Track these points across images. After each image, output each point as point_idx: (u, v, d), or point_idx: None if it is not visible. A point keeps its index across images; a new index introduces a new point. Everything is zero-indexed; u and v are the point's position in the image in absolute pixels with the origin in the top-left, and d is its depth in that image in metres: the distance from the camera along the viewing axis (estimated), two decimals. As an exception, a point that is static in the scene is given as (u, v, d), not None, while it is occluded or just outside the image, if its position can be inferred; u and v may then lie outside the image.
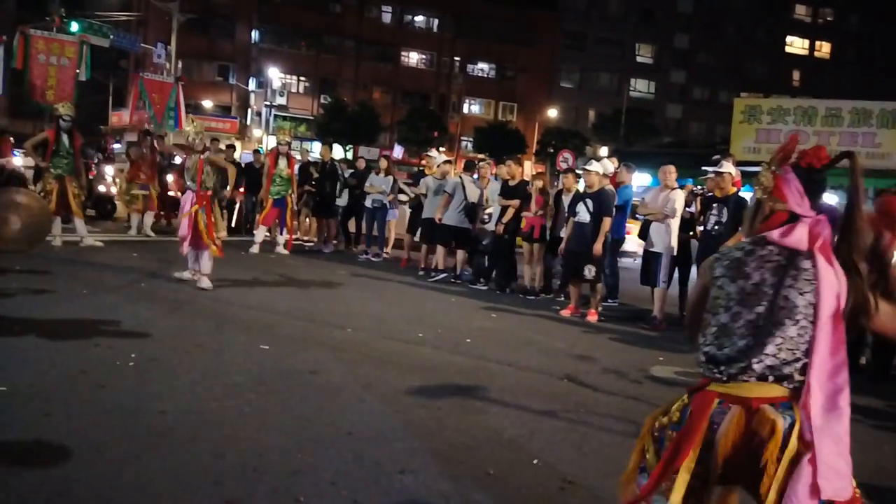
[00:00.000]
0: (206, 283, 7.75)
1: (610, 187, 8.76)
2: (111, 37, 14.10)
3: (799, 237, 2.05)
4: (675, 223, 8.38)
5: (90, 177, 12.59)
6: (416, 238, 11.65)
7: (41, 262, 8.07)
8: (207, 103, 42.56)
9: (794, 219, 2.10)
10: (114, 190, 14.04)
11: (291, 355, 5.43)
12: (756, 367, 2.00)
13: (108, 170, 14.51)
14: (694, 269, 8.51)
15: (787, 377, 1.99)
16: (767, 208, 2.17)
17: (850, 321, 2.01)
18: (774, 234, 2.09)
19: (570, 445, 4.10)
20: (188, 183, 7.94)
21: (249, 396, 4.38)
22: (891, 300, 2.13)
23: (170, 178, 13.40)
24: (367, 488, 3.27)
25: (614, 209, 8.62)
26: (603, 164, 9.22)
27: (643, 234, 8.88)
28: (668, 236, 8.37)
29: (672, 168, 8.60)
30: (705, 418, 2.02)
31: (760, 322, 2.03)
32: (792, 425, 1.92)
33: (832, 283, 1.98)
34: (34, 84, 11.02)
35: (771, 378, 2.00)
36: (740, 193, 7.96)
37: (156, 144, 12.85)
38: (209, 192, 7.80)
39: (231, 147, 14.26)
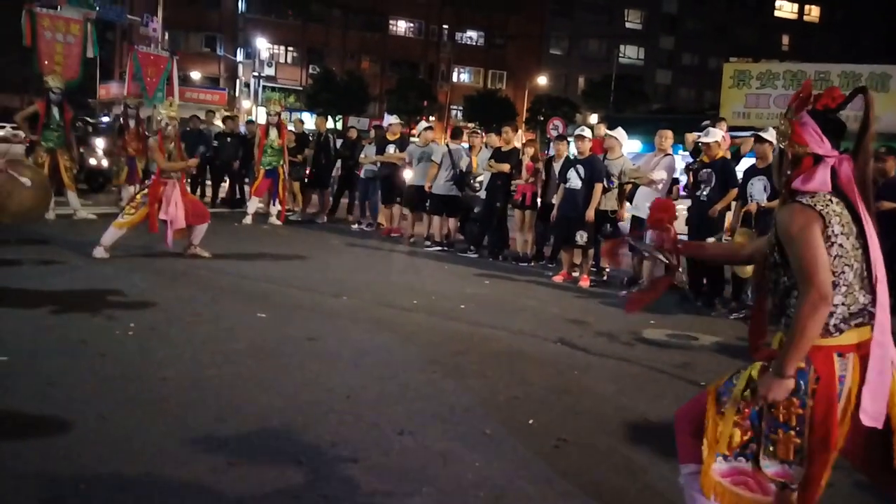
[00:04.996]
0: (205, 252, 7.95)
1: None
2: (97, 8, 13.88)
3: (821, 179, 2.09)
4: (662, 188, 8.36)
5: (81, 150, 12.46)
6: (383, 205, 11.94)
7: (36, 235, 8.07)
8: (196, 75, 42.10)
9: (818, 161, 2.13)
10: (105, 163, 13.96)
11: (288, 323, 5.50)
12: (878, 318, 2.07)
13: (99, 142, 14.40)
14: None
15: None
16: (790, 154, 2.18)
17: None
18: (797, 184, 2.13)
19: (563, 406, 4.20)
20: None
21: (249, 363, 4.46)
22: None
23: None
24: (366, 448, 3.36)
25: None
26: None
27: (630, 198, 8.88)
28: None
29: (669, 133, 8.50)
30: (835, 377, 2.03)
31: (866, 272, 2.11)
32: None
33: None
34: (42, 62, 10.95)
35: None
36: (727, 157, 7.98)
37: (141, 116, 12.71)
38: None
39: (234, 118, 14.84)
